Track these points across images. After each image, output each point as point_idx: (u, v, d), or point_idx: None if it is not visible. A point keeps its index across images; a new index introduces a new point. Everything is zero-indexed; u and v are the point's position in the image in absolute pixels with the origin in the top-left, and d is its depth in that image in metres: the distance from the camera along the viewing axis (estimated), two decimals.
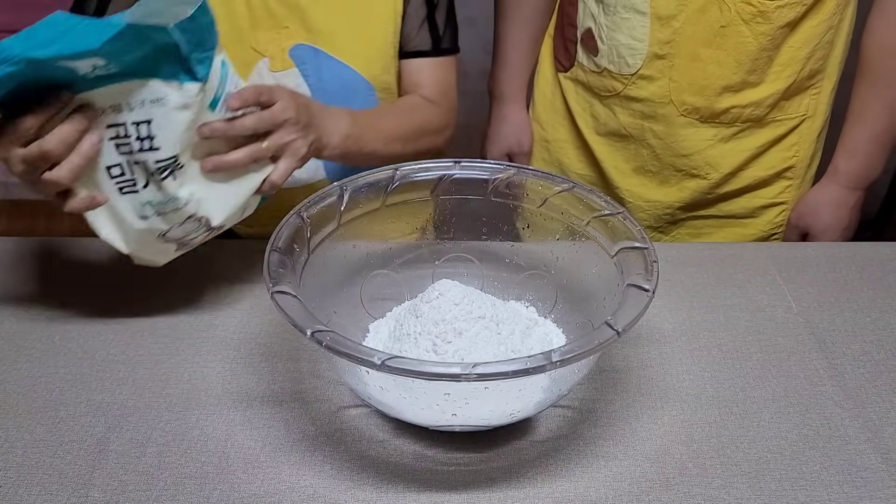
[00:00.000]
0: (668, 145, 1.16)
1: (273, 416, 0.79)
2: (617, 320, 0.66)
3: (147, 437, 0.76)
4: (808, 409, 0.80)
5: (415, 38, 1.09)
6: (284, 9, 1.02)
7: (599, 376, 0.84)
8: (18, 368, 0.85)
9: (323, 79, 1.04)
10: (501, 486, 0.72)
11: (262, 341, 0.89)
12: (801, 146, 1.17)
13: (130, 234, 0.82)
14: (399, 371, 0.62)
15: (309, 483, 0.72)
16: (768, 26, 1.05)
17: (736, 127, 1.13)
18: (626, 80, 1.13)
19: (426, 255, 0.91)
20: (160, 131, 0.76)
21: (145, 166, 0.78)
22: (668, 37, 1.08)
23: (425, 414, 0.72)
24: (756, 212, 1.21)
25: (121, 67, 0.73)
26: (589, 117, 1.22)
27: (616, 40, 1.12)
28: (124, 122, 0.75)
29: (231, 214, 0.86)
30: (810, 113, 1.15)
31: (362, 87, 1.07)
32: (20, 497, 0.70)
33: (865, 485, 0.72)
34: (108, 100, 0.75)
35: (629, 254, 0.75)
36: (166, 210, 0.81)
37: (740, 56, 1.07)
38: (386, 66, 1.08)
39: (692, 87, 1.11)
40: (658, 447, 0.76)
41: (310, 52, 1.03)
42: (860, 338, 0.90)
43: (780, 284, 0.98)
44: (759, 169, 1.17)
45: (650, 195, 1.22)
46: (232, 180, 0.84)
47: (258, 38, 1.03)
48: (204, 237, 0.87)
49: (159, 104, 0.75)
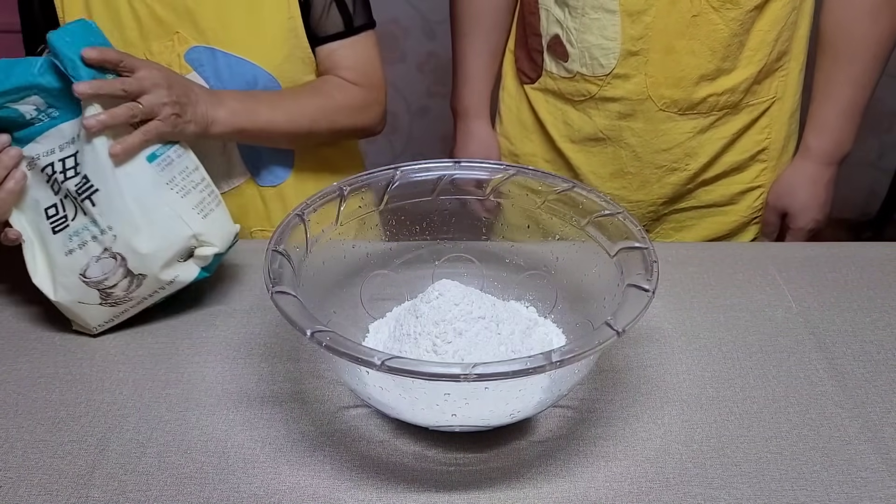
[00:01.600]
0: (647, 142, 1.16)
1: (273, 416, 0.79)
2: (617, 320, 0.66)
3: (147, 437, 0.76)
4: (808, 409, 0.80)
5: (325, 22, 1.07)
6: (172, 14, 1.01)
7: (599, 376, 0.84)
8: (19, 368, 0.85)
9: (223, 78, 1.03)
10: (501, 486, 0.72)
11: (262, 341, 0.89)
12: (773, 128, 1.18)
13: (57, 275, 0.85)
14: (399, 371, 0.62)
15: (309, 483, 0.72)
16: (738, 11, 1.07)
17: (714, 115, 1.14)
18: (601, 82, 1.13)
19: (426, 255, 0.91)
20: (82, 158, 0.83)
21: (70, 194, 0.83)
22: (641, 32, 1.08)
23: (425, 414, 0.72)
24: (735, 198, 1.22)
25: (57, 108, 0.82)
26: (562, 125, 1.21)
27: (587, 42, 1.11)
28: (52, 162, 0.83)
29: (148, 262, 0.85)
30: (780, 95, 1.17)
31: (264, 80, 1.05)
32: (20, 497, 0.70)
33: (865, 485, 0.72)
34: (44, 147, 0.83)
35: (629, 254, 0.75)
36: (86, 239, 0.84)
37: (713, 44, 1.08)
38: (287, 56, 1.06)
39: (669, 80, 1.11)
40: (658, 447, 0.76)
41: (206, 53, 1.02)
42: (860, 338, 0.90)
43: (780, 284, 0.98)
44: (733, 153, 1.18)
45: (631, 196, 1.22)
46: (152, 222, 0.84)
47: (151, 48, 1.02)
48: (124, 287, 0.85)
49: (80, 138, 0.82)
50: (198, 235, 0.87)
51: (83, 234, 0.84)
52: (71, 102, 0.82)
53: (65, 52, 0.80)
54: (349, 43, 1.09)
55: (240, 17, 1.02)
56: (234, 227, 0.91)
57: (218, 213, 0.90)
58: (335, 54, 1.09)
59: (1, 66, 0.78)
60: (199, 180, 0.89)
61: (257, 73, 1.04)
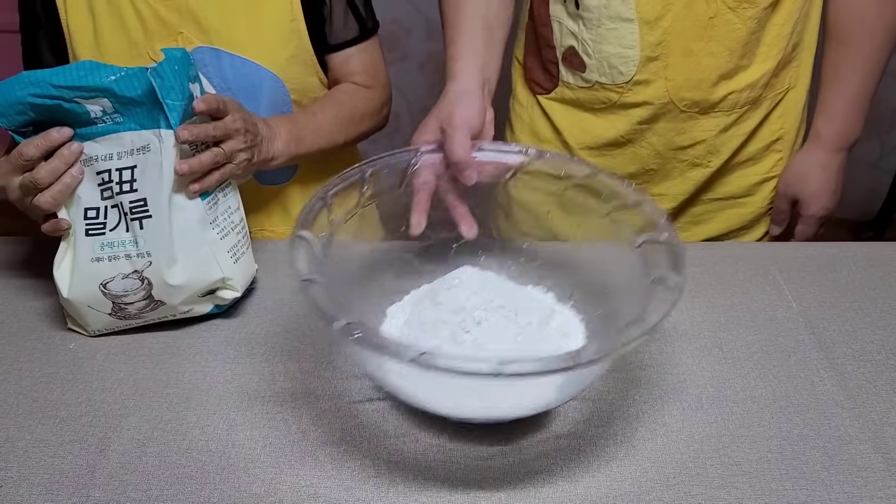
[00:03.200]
0: (670, 140, 1.16)
1: (274, 415, 0.79)
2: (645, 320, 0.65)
3: (148, 437, 0.76)
4: (809, 409, 0.80)
5: (343, 30, 1.09)
6: (176, 14, 1.01)
7: (599, 377, 0.84)
8: (19, 368, 0.85)
9: (227, 78, 1.03)
10: (503, 485, 0.72)
11: (263, 341, 0.89)
12: (787, 118, 1.18)
13: (77, 276, 0.85)
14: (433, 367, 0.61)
15: (309, 483, 0.72)
16: (754, 9, 1.06)
17: (735, 113, 1.14)
18: (622, 89, 1.13)
19: (446, 240, 0.91)
20: (142, 176, 0.83)
21: (121, 207, 0.83)
22: (659, 38, 1.08)
23: (444, 404, 0.72)
24: (752, 189, 1.22)
25: (123, 115, 0.81)
26: (579, 133, 1.20)
27: (605, 52, 1.11)
28: (109, 169, 0.83)
29: (172, 294, 0.85)
30: (793, 84, 1.17)
31: (268, 80, 1.05)
32: (21, 497, 0.70)
33: (866, 484, 0.72)
34: (104, 149, 0.83)
35: (653, 247, 0.74)
36: (119, 255, 0.84)
37: (731, 43, 1.08)
38: (291, 57, 1.06)
39: (689, 83, 1.11)
40: (658, 447, 0.76)
41: (209, 53, 1.02)
42: (861, 337, 0.90)
43: (780, 284, 0.98)
44: (751, 144, 1.18)
45: (653, 190, 1.21)
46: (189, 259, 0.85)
47: (155, 49, 1.02)
48: (140, 307, 0.86)
49: (144, 151, 0.82)
50: (226, 279, 0.88)
51: (118, 248, 0.84)
52: (138, 114, 0.82)
53: (169, 78, 0.80)
54: (362, 47, 1.11)
55: (242, 18, 1.02)
56: (254, 267, 0.94)
57: (246, 256, 0.92)
58: (350, 60, 1.10)
59: (87, 65, 0.79)
60: (237, 221, 0.91)
61: (262, 74, 1.04)
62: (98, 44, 1.02)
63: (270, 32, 1.03)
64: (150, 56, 1.02)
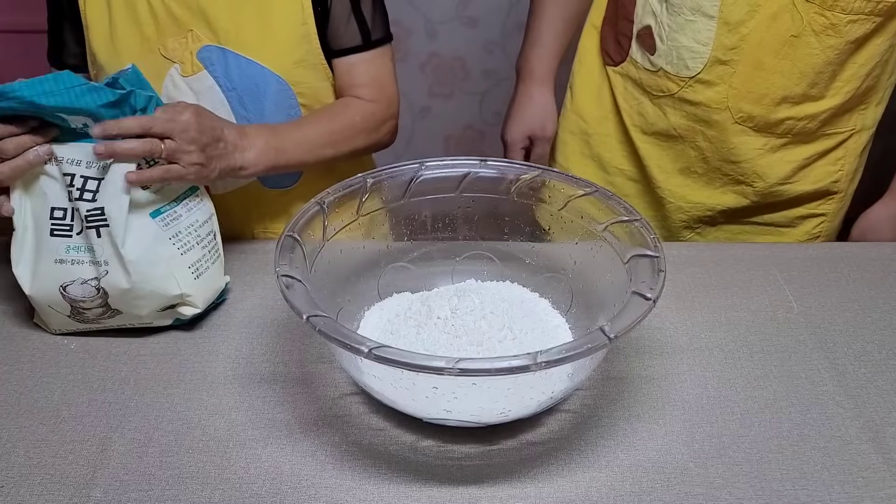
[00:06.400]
0: (717, 149, 1.14)
1: (275, 415, 0.79)
2: (612, 326, 0.66)
3: (149, 437, 0.76)
4: (810, 409, 0.80)
5: (343, 35, 1.07)
6: (187, 12, 1.01)
7: (600, 377, 0.84)
8: (20, 368, 0.85)
9: (232, 78, 1.03)
10: (503, 484, 0.72)
11: (264, 341, 0.89)
12: (847, 160, 1.17)
13: (39, 274, 0.85)
14: (385, 361, 0.62)
15: (311, 483, 0.72)
16: (838, 40, 1.04)
17: (786, 138, 1.13)
18: (683, 83, 1.11)
19: (446, 251, 0.91)
20: (105, 190, 0.83)
21: (79, 213, 0.83)
22: (735, 43, 1.06)
23: (416, 405, 0.73)
24: (795, 221, 1.21)
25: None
26: (636, 115, 1.19)
27: (678, 42, 1.09)
28: (74, 174, 0.83)
29: (128, 306, 0.86)
30: (858, 128, 1.15)
31: (273, 83, 1.05)
32: (22, 497, 0.70)
33: (867, 484, 0.72)
34: (73, 153, 0.83)
35: (640, 261, 0.75)
36: (84, 260, 0.84)
37: (805, 68, 1.06)
38: (299, 61, 1.05)
39: (751, 96, 1.09)
40: (659, 447, 0.76)
41: (217, 52, 1.02)
42: (861, 338, 0.90)
43: (781, 285, 0.98)
44: (805, 183, 1.16)
45: (693, 196, 1.20)
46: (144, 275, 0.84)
47: (166, 45, 1.02)
48: (97, 314, 0.87)
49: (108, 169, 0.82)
50: (184, 296, 0.87)
51: (82, 254, 0.84)
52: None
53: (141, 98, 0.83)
54: (368, 57, 1.09)
55: (251, 20, 1.02)
56: (223, 280, 0.94)
57: (212, 271, 0.91)
58: (354, 70, 1.09)
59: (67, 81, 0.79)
60: (204, 234, 0.90)
61: (267, 76, 1.04)
62: (112, 37, 1.02)
63: (279, 35, 1.03)
64: (160, 52, 1.02)
